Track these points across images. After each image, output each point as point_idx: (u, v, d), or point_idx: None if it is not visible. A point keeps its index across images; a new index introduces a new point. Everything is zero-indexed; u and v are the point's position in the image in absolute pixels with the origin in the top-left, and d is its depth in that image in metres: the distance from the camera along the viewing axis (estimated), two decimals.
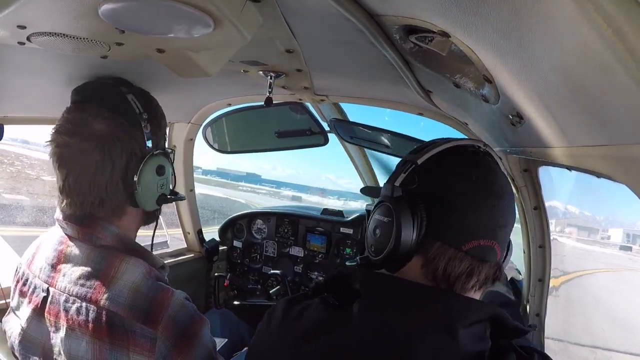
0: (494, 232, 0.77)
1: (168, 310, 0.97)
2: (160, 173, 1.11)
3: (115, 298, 0.96)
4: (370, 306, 0.74)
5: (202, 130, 2.16)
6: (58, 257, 1.04)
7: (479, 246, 0.76)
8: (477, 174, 0.78)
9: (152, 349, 0.95)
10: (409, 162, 0.82)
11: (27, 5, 0.70)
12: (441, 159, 0.81)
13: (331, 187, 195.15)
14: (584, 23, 0.43)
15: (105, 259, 1.01)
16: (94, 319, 0.95)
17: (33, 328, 1.03)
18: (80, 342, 0.96)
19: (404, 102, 1.68)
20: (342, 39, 0.98)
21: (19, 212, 9.89)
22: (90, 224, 1.05)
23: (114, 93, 1.10)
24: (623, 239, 43.76)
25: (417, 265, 0.78)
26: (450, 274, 0.76)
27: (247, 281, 2.72)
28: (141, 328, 0.95)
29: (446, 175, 0.79)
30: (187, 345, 0.98)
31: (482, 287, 0.79)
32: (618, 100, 0.51)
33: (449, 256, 0.76)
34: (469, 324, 0.69)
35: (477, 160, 0.81)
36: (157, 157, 1.10)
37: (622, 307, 9.98)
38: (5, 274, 1.35)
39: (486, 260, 0.77)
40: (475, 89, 0.93)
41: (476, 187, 0.77)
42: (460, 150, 0.83)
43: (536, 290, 1.59)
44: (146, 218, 1.21)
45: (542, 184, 1.41)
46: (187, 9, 0.72)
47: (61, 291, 1.00)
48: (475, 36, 0.66)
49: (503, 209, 0.79)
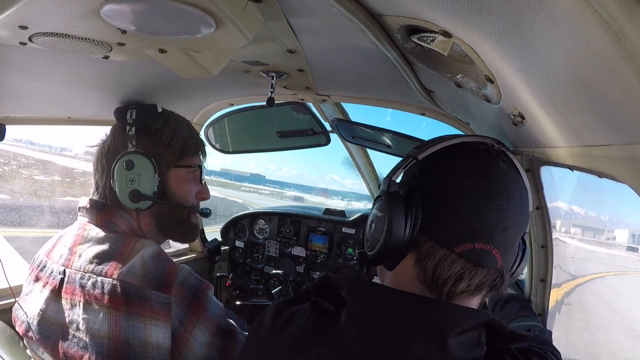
0: (491, 236, 0.72)
1: (178, 276, 1.06)
2: (129, 167, 1.18)
3: (129, 270, 1.03)
4: (356, 316, 0.72)
5: (204, 130, 2.15)
6: (75, 240, 1.13)
7: (474, 249, 0.72)
8: (481, 172, 0.75)
9: (167, 313, 1.02)
10: (410, 157, 0.81)
11: (29, 5, 0.70)
12: (445, 155, 0.79)
13: (335, 187, 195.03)
14: (586, 23, 0.42)
15: (121, 240, 1.11)
16: (109, 290, 1.01)
17: (51, 309, 1.08)
18: (98, 314, 1.01)
19: (406, 102, 1.67)
20: (344, 38, 0.98)
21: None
22: (109, 211, 1.19)
23: (123, 108, 1.28)
24: (629, 239, 43.60)
25: (410, 263, 0.77)
26: (439, 276, 0.73)
27: (249, 281, 2.72)
28: (156, 294, 1.02)
29: (446, 172, 0.77)
30: (200, 305, 1.08)
31: (476, 293, 0.75)
32: (621, 100, 0.51)
33: (440, 257, 0.73)
34: (458, 333, 0.67)
35: (484, 158, 0.77)
36: (131, 155, 1.20)
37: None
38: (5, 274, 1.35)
39: (482, 265, 0.73)
40: (477, 88, 0.93)
41: (476, 187, 0.73)
42: (468, 147, 0.80)
43: (538, 291, 1.58)
44: (167, 228, 1.28)
45: (544, 184, 1.41)
46: (189, 9, 0.72)
47: (77, 270, 1.06)
48: (477, 36, 0.65)
49: (506, 211, 0.73)
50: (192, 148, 1.29)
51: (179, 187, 1.26)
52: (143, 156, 1.20)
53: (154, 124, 1.25)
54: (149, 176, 1.20)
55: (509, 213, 0.73)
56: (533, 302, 1.63)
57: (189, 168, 1.28)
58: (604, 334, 7.76)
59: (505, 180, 0.74)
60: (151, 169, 1.20)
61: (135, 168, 1.18)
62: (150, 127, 1.24)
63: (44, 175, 15.01)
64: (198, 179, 1.32)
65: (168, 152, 1.24)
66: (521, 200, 0.76)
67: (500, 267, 0.75)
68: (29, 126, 1.58)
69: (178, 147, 1.25)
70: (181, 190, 1.26)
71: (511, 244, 0.76)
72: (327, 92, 1.73)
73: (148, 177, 1.20)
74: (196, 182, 1.31)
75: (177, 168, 1.26)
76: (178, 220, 1.28)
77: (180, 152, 1.26)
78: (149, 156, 1.20)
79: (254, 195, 36.39)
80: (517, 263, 0.83)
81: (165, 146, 1.24)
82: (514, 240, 0.77)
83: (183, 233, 1.31)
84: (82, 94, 1.34)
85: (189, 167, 1.28)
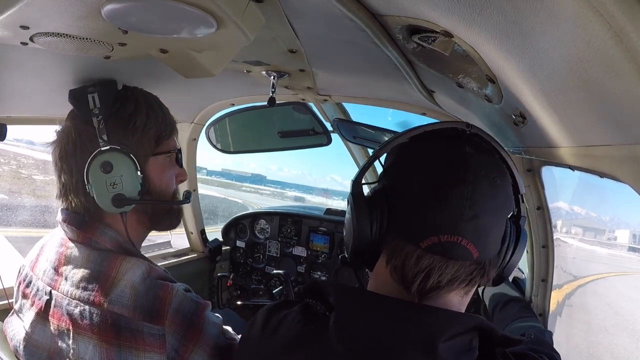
0: (456, 227, 0.67)
1: (172, 304, 0.97)
2: (106, 170, 1.02)
3: (118, 299, 0.95)
4: (343, 323, 0.70)
5: (205, 130, 2.16)
6: (59, 259, 1.04)
7: (440, 242, 0.68)
8: (439, 162, 0.71)
9: (162, 345, 0.95)
10: (373, 156, 0.80)
11: (30, 5, 0.70)
12: (405, 149, 0.78)
13: (336, 187, 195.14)
14: (587, 23, 0.42)
15: (106, 259, 1.01)
16: (98, 322, 0.94)
17: (38, 332, 1.02)
18: (87, 345, 0.95)
19: (407, 102, 1.67)
20: (345, 38, 0.98)
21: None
22: (88, 228, 1.05)
23: (80, 93, 1.07)
24: (630, 240, 43.52)
25: (383, 263, 0.75)
26: (407, 273, 0.70)
27: (250, 281, 2.72)
28: (148, 327, 0.94)
29: (404, 166, 0.75)
30: (196, 331, 0.98)
31: (451, 288, 0.71)
32: (623, 100, 0.51)
33: (407, 253, 0.70)
34: (449, 338, 0.65)
35: (445, 146, 0.74)
36: (105, 154, 1.03)
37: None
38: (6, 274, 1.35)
39: (452, 258, 0.69)
40: (478, 88, 0.92)
41: (435, 177, 0.70)
42: (430, 137, 0.77)
43: (539, 290, 1.58)
44: (153, 222, 1.17)
45: (546, 184, 1.41)
46: (190, 9, 0.73)
47: (64, 295, 0.99)
48: (478, 36, 0.65)
49: (472, 199, 0.68)
50: (167, 130, 1.14)
51: (160, 176, 1.13)
52: (121, 153, 1.04)
53: (123, 110, 1.07)
54: (131, 176, 1.05)
55: (476, 200, 0.68)
56: (534, 303, 1.62)
57: (167, 154, 1.15)
58: (606, 335, 7.73)
59: (470, 166, 0.70)
60: (132, 167, 1.05)
61: (114, 170, 1.03)
62: (121, 114, 1.07)
63: (42, 175, 15.01)
64: (174, 162, 1.18)
65: (144, 140, 1.09)
66: (494, 184, 0.71)
67: (479, 259, 0.70)
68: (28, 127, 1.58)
69: (153, 132, 1.10)
70: (162, 179, 1.13)
71: (486, 232, 0.70)
72: (328, 92, 1.73)
73: (130, 177, 1.05)
74: (173, 165, 1.18)
75: (155, 156, 1.12)
76: (162, 213, 1.17)
77: (157, 138, 1.12)
78: (127, 152, 1.04)
79: (254, 195, 36.36)
80: (511, 250, 0.77)
81: (140, 134, 1.08)
82: (490, 228, 0.71)
83: (169, 223, 1.20)
84: None
85: (167, 153, 1.15)
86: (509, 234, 0.76)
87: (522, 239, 0.79)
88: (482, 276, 0.72)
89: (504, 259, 0.77)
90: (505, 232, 0.75)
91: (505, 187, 0.74)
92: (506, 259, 0.78)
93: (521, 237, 0.79)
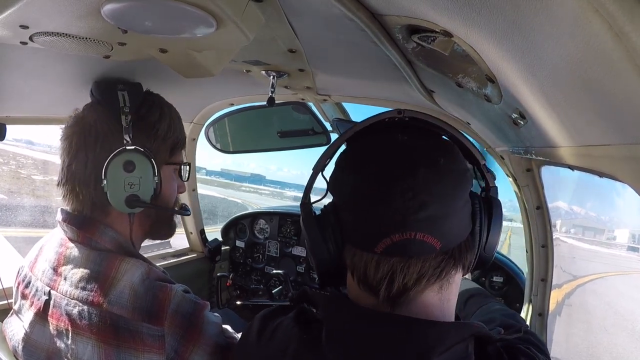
0: (404, 223, 0.63)
1: (171, 305, 0.97)
2: (129, 170, 1.04)
3: (117, 300, 0.95)
4: (333, 334, 0.67)
5: (204, 130, 2.16)
6: (58, 259, 1.04)
7: (393, 244, 0.63)
8: (375, 157, 0.68)
9: (161, 345, 0.95)
10: (312, 172, 0.79)
11: (30, 5, 0.70)
12: (343, 153, 0.74)
13: None
14: (587, 22, 0.42)
15: (105, 259, 1.01)
16: (97, 322, 0.94)
17: (36, 332, 1.02)
18: (86, 346, 0.95)
19: (407, 101, 1.67)
20: (345, 38, 0.98)
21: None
22: (88, 228, 1.05)
23: (108, 88, 1.10)
24: (629, 239, 43.59)
25: (350, 277, 0.72)
26: (371, 282, 0.67)
27: (249, 281, 2.72)
28: (147, 327, 0.95)
29: (339, 174, 0.72)
30: (195, 331, 0.99)
31: (421, 287, 0.66)
32: (622, 100, 0.51)
33: (365, 262, 0.67)
34: (444, 350, 0.61)
35: (374, 143, 0.71)
36: (130, 153, 1.05)
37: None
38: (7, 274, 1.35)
39: (412, 256, 0.64)
40: (478, 88, 0.92)
41: (373, 174, 0.66)
42: (361, 137, 0.74)
43: (539, 290, 1.58)
44: (153, 229, 1.18)
45: (545, 184, 1.41)
46: (190, 9, 0.73)
47: (63, 295, 0.99)
48: (478, 36, 0.65)
49: (416, 188, 0.63)
50: (181, 143, 1.18)
51: (167, 186, 1.15)
52: (143, 156, 1.06)
53: (151, 114, 1.11)
54: (149, 179, 1.08)
55: (421, 189, 0.63)
56: (533, 302, 1.63)
57: (177, 165, 1.19)
58: (606, 335, 7.73)
59: (404, 155, 0.67)
60: (151, 171, 1.08)
61: (136, 170, 1.05)
62: (148, 118, 1.11)
63: (41, 175, 15.02)
64: (178, 174, 1.21)
65: (162, 148, 1.13)
66: (437, 166, 0.66)
67: (443, 248, 0.65)
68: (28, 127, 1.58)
69: (170, 142, 1.14)
70: (168, 189, 1.16)
71: (443, 218, 0.65)
72: (328, 92, 1.73)
73: (148, 181, 1.08)
74: (176, 177, 1.21)
75: (167, 165, 1.15)
76: (163, 221, 1.20)
77: (172, 148, 1.16)
78: (149, 156, 1.07)
79: (254, 195, 36.38)
80: (486, 226, 0.72)
81: (160, 141, 1.12)
82: (446, 213, 0.65)
83: (166, 232, 1.23)
84: (83, 93, 1.34)
85: (178, 165, 1.19)
86: (479, 210, 0.71)
87: (496, 210, 0.74)
88: (454, 265, 0.68)
89: (480, 237, 0.72)
90: (474, 209, 0.71)
91: (454, 164, 0.69)
92: (483, 236, 0.72)
93: (494, 209, 0.74)
